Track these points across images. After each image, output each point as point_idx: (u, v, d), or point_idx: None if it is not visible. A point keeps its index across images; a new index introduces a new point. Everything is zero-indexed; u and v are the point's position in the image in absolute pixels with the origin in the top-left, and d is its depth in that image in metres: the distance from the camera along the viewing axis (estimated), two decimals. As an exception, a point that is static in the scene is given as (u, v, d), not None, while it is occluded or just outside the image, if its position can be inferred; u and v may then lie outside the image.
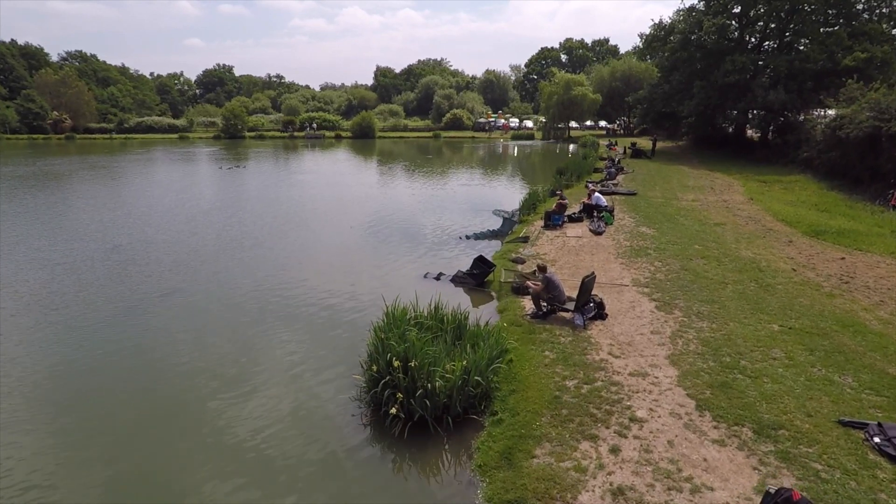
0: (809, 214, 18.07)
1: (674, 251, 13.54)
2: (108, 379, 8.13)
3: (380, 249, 15.47)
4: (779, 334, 8.60)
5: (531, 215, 18.91)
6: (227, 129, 72.51)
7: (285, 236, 16.72)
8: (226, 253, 14.85)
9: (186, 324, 10.21)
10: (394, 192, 26.85)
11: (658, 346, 8.26)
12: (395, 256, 14.74)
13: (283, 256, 14.53)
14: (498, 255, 14.18)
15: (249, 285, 12.29)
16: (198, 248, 15.25)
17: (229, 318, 10.47)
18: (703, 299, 10.15)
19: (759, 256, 13.10)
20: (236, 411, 7.20)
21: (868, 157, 23.03)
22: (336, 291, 11.88)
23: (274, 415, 7.13)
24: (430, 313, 8.55)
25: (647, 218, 17.74)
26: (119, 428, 6.90)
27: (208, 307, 11.02)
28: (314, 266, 13.66)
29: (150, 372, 8.34)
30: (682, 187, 24.70)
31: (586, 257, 13.38)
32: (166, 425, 6.95)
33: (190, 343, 9.38)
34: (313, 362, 8.61)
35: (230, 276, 12.91)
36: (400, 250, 15.38)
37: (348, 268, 13.61)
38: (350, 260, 14.31)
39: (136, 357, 8.83)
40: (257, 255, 14.77)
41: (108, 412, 7.25)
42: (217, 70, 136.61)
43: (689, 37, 38.15)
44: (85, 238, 16.30)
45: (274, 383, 8.00)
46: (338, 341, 9.42)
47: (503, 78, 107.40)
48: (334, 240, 16.54)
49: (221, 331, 9.89)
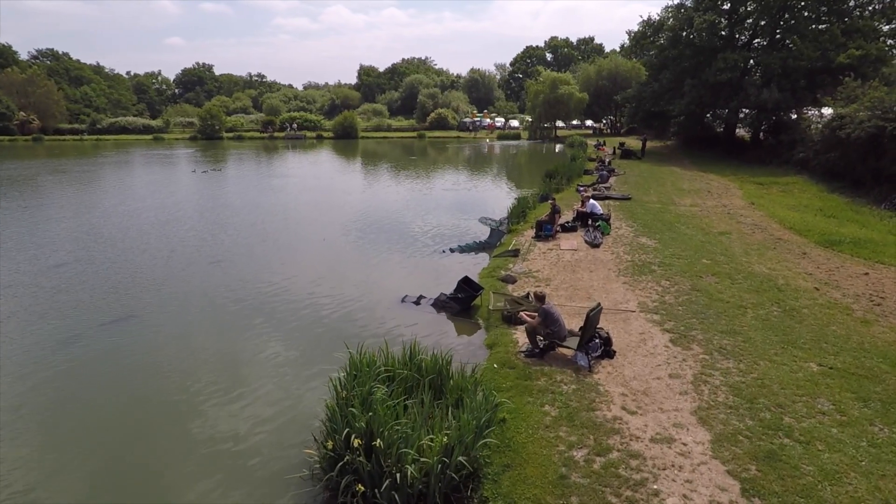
0: (817, 221, 16.90)
1: (680, 267, 12.18)
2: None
3: (354, 266, 13.89)
4: (819, 377, 7.24)
5: (521, 224, 17.46)
6: (204, 130, 70.00)
7: (249, 252, 15.03)
8: (174, 277, 13.13)
9: (93, 381, 8.56)
10: (374, 197, 25.24)
11: (680, 396, 6.84)
12: (372, 273, 13.18)
13: (239, 279, 12.84)
14: (486, 272, 12.70)
15: (192, 320, 10.63)
16: (144, 268, 13.49)
17: (155, 362, 8.83)
18: (723, 329, 8.78)
19: (775, 272, 11.81)
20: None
21: (870, 158, 22.03)
22: (298, 324, 10.29)
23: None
24: (404, 359, 7.04)
25: (645, 226, 16.40)
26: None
27: (136, 355, 9.37)
28: (274, 291, 12.03)
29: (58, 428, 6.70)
30: (677, 191, 23.49)
31: (584, 275, 11.95)
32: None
33: (89, 406, 7.73)
34: (258, 437, 7.04)
35: (173, 307, 11.23)
36: (377, 266, 13.82)
37: (315, 292, 12.00)
38: (319, 281, 12.70)
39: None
40: (210, 276, 13.08)
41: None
42: (196, 69, 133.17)
43: (680, 34, 37.08)
44: (15, 256, 14.45)
45: (200, 469, 6.41)
46: (291, 396, 7.84)
47: (488, 77, 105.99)
48: (304, 256, 14.90)
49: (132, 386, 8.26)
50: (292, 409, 7.30)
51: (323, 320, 10.31)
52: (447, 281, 11.92)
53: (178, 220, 18.73)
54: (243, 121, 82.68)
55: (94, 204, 22.57)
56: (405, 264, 14.07)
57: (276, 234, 17.24)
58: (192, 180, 30.70)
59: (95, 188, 27.60)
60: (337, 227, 18.40)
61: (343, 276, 12.90)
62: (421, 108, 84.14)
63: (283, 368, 8.43)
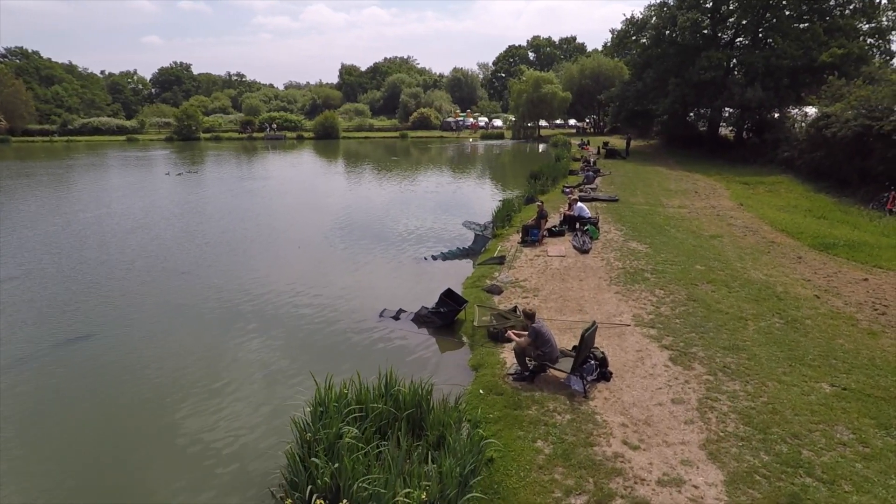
0: (808, 223, 16.53)
1: (674, 274, 11.59)
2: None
3: (331, 276, 13.04)
4: (834, 399, 6.65)
5: (506, 228, 16.77)
6: (180, 131, 68.02)
7: (215, 263, 14.05)
8: (132, 292, 12.16)
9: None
10: (354, 200, 24.34)
11: (686, 426, 6.18)
12: (349, 284, 12.34)
13: (200, 295, 11.89)
14: (469, 281, 11.96)
15: (148, 340, 9.71)
16: (100, 283, 12.47)
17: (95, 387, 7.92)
18: (725, 345, 8.17)
19: (772, 279, 11.28)
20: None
21: (856, 157, 21.85)
22: (263, 347, 9.43)
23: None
24: (379, 389, 6.27)
25: (635, 230, 15.83)
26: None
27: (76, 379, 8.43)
28: (240, 308, 11.13)
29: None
30: (664, 191, 23.05)
31: (574, 284, 11.28)
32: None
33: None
34: (218, 478, 6.20)
35: (125, 325, 10.28)
36: (355, 275, 12.99)
37: (286, 304, 11.15)
38: (291, 293, 11.83)
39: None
40: (171, 292, 12.13)
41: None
42: (174, 68, 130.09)
43: (663, 32, 36.81)
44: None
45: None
46: (250, 444, 7.00)
47: (471, 76, 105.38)
48: (275, 266, 13.98)
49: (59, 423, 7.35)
50: (251, 447, 6.47)
51: (291, 342, 9.46)
52: (429, 291, 11.17)
53: (143, 228, 17.61)
54: (221, 121, 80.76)
55: (55, 210, 21.28)
56: (385, 273, 13.27)
57: (248, 241, 16.27)
58: (164, 184, 29.42)
59: (59, 193, 26.20)
60: (314, 232, 17.51)
61: (317, 288, 12.04)
62: (403, 107, 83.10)
63: (239, 404, 7.58)
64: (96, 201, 23.17)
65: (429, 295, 10.80)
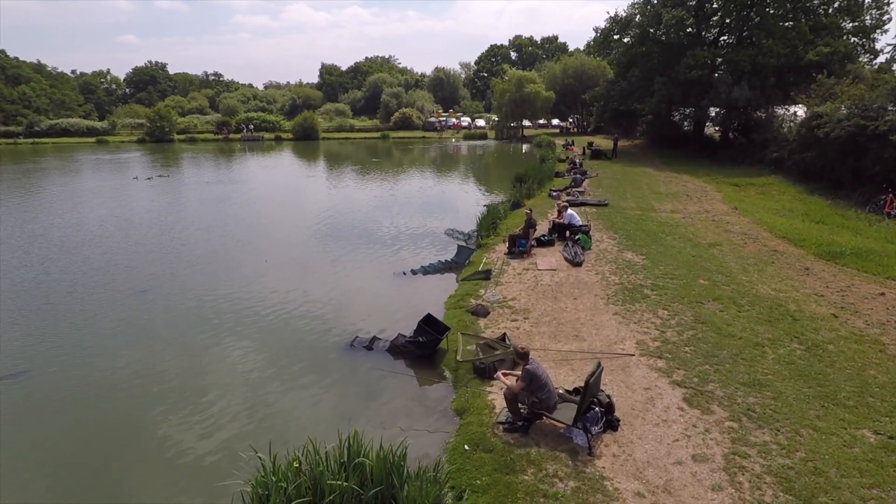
0: (808, 228, 15.71)
1: (676, 290, 10.57)
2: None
3: (297, 294, 11.73)
4: (882, 453, 5.63)
5: (492, 237, 15.64)
6: (153, 132, 65.58)
7: (168, 283, 12.68)
8: (65, 322, 10.74)
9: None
10: (331, 206, 22.99)
11: (714, 495, 5.09)
12: (317, 304, 11.09)
13: (143, 326, 10.57)
14: (452, 301, 10.78)
15: (75, 381, 8.36)
16: (34, 311, 11.02)
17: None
18: (744, 380, 7.12)
19: (782, 294, 10.33)
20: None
21: (849, 158, 21.20)
22: (212, 380, 8.15)
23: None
24: (339, 458, 5.06)
25: (628, 238, 14.83)
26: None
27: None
28: (188, 336, 9.81)
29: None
30: (654, 195, 22.17)
31: (568, 304, 10.19)
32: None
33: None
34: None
35: (65, 362, 8.91)
36: (324, 294, 11.72)
37: (242, 334, 9.86)
38: (252, 315, 10.54)
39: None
40: (111, 322, 10.75)
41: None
42: (149, 67, 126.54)
43: (648, 30, 36.10)
44: None
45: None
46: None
47: (453, 76, 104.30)
48: (237, 284, 12.63)
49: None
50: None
51: (236, 396, 8.18)
52: (408, 312, 10.03)
53: (93, 242, 16.03)
54: (197, 122, 78.37)
55: (2, 219, 19.56)
56: (359, 291, 12.03)
57: (209, 255, 14.88)
58: (129, 189, 27.69)
59: (9, 201, 24.36)
60: (282, 243, 16.19)
61: (281, 312, 10.76)
62: (385, 107, 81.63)
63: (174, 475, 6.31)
64: (48, 210, 21.44)
65: (407, 319, 9.66)
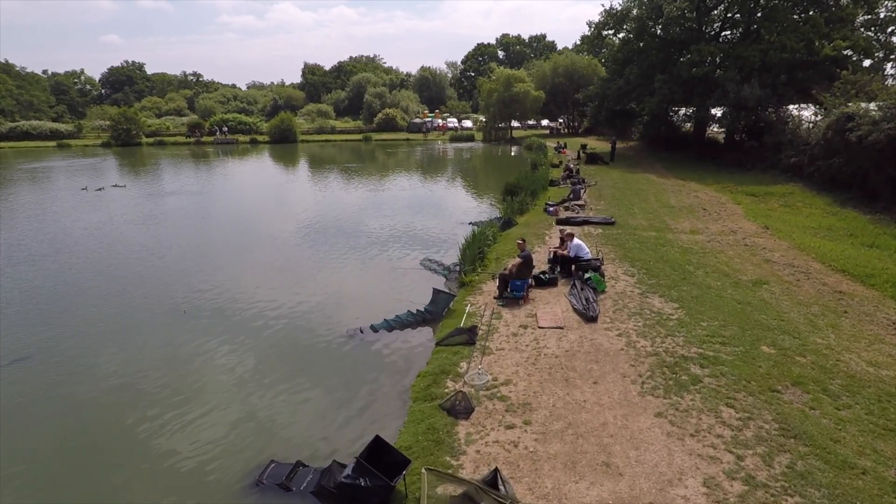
0: (865, 257, 12.80)
1: (735, 366, 7.53)
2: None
3: (191, 385, 8.56)
4: None
5: (478, 271, 12.52)
6: (118, 136, 61.46)
7: (73, 334, 9.43)
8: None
9: None
10: (292, 230, 19.75)
11: None
12: (230, 392, 7.92)
13: (43, 384, 7.36)
14: (421, 384, 7.63)
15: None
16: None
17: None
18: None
19: (883, 372, 7.36)
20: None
21: (889, 166, 18.46)
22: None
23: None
24: None
25: (649, 273, 11.78)
26: None
27: None
28: (64, 432, 6.62)
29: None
30: (666, 208, 19.20)
31: (586, 391, 7.11)
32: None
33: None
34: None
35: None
36: (244, 380, 8.55)
37: (131, 456, 6.69)
38: (131, 424, 7.36)
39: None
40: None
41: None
42: (125, 67, 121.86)
43: (647, 24, 33.23)
44: None
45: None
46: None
47: (439, 75, 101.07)
48: (151, 344, 9.41)
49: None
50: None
51: None
52: (349, 415, 6.90)
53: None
54: (170, 124, 74.33)
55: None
56: (294, 361, 8.87)
57: (117, 297, 11.63)
58: (65, 204, 24.16)
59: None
60: (217, 284, 12.95)
61: (174, 409, 7.57)
62: (368, 108, 78.17)
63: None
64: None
65: (347, 427, 6.51)
